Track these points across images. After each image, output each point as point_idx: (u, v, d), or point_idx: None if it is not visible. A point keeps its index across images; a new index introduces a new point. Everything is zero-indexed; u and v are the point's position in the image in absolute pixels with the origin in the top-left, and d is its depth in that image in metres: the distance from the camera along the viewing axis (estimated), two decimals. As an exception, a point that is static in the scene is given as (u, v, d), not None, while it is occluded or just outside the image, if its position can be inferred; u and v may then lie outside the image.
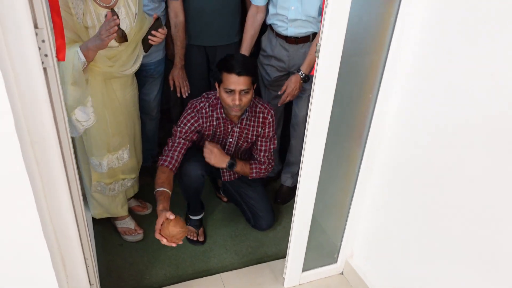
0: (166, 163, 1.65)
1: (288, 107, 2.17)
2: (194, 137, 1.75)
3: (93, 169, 1.70)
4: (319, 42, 1.16)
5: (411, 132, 1.31)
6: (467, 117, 1.09)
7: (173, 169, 1.66)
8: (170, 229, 1.37)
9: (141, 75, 2.00)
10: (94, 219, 1.91)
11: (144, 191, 2.14)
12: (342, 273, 1.78)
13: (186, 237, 1.93)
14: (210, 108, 1.73)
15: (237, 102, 1.61)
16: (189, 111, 1.73)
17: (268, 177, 2.35)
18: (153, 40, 1.55)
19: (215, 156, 1.73)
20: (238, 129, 1.80)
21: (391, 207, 1.46)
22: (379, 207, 1.54)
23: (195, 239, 1.91)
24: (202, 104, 1.73)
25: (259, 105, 1.80)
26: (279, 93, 1.94)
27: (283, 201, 2.25)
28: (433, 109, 1.20)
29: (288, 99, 1.93)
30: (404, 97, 1.32)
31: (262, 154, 1.85)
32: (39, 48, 0.92)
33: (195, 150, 1.80)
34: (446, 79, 1.14)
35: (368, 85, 1.35)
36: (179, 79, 2.01)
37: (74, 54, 1.37)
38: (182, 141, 1.70)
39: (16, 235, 0.98)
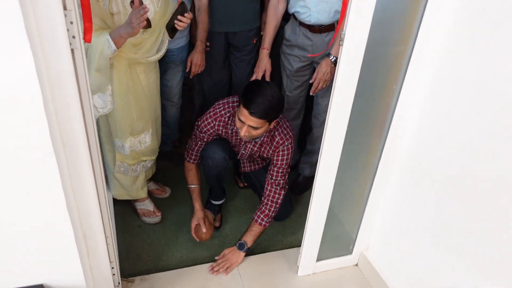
0: (191, 161, 1.85)
1: (309, 97, 2.14)
2: (211, 138, 1.80)
3: (116, 150, 1.75)
4: (343, 30, 1.14)
5: (435, 128, 1.28)
6: (497, 118, 1.04)
7: (196, 162, 1.86)
8: (201, 234, 1.80)
9: (163, 61, 2.01)
10: (114, 200, 1.96)
11: (164, 175, 2.18)
12: (356, 265, 1.78)
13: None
14: (231, 118, 1.71)
15: (242, 134, 1.58)
16: (209, 115, 1.73)
17: None
18: (179, 25, 1.55)
19: (231, 263, 1.72)
20: (250, 146, 1.78)
21: (408, 202, 1.44)
22: (396, 202, 1.52)
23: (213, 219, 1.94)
24: (223, 112, 1.71)
25: (277, 135, 1.70)
26: (310, 81, 1.88)
27: (300, 191, 2.25)
28: (460, 107, 1.16)
29: (320, 85, 1.83)
30: (429, 91, 1.28)
31: (271, 182, 1.75)
32: (67, 30, 0.94)
33: (217, 139, 1.83)
34: (478, 75, 1.09)
35: (392, 76, 1.32)
36: (197, 63, 1.99)
37: (104, 42, 1.40)
38: (200, 142, 1.81)
39: (43, 212, 1.02)
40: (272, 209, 1.76)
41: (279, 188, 1.76)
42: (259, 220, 1.76)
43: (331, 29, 1.81)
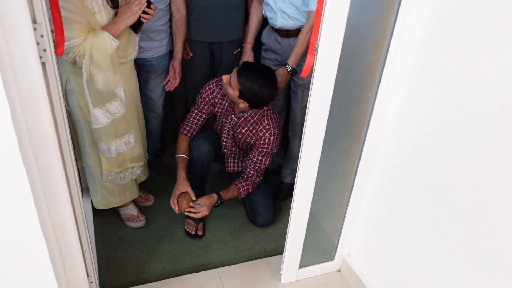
0: (185, 132, 1.90)
1: (289, 102, 2.17)
2: (209, 110, 1.88)
3: (103, 158, 1.72)
4: (318, 40, 1.15)
5: (409, 132, 1.31)
6: (466, 118, 1.08)
7: (192, 137, 1.92)
8: (184, 203, 1.78)
9: (144, 71, 2.00)
10: (94, 212, 1.93)
11: (148, 183, 2.16)
12: (339, 271, 1.79)
13: (185, 230, 1.94)
14: (222, 91, 1.84)
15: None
16: (211, 82, 1.86)
17: (268, 170, 2.37)
18: (144, 17, 1.55)
19: (204, 208, 1.78)
20: (235, 119, 1.84)
21: (388, 206, 1.46)
22: (376, 206, 1.54)
23: (193, 232, 1.93)
24: (219, 83, 1.84)
25: (265, 120, 1.81)
26: None
27: (283, 197, 2.26)
28: (432, 109, 1.20)
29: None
30: (403, 97, 1.31)
31: (252, 165, 1.86)
32: (38, 43, 0.92)
33: (208, 131, 1.96)
34: (446, 79, 1.13)
35: (367, 84, 1.34)
36: (171, 72, 1.99)
37: (105, 39, 1.44)
38: (200, 114, 1.89)
39: (14, 228, 0.99)
40: (250, 187, 1.89)
41: (260, 173, 1.88)
42: (239, 186, 1.87)
43: (297, 34, 1.87)
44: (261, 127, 1.81)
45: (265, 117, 1.81)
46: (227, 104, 1.85)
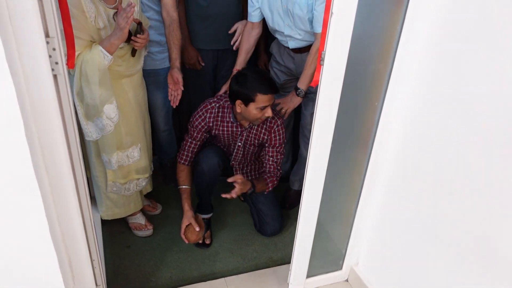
0: (182, 161, 1.88)
1: (298, 108, 2.19)
2: (204, 137, 1.85)
3: (107, 170, 1.74)
4: (324, 50, 1.16)
5: (417, 141, 1.30)
6: (473, 126, 1.08)
7: (190, 164, 1.89)
8: (191, 235, 1.82)
9: (149, 82, 1.97)
10: (102, 221, 1.94)
11: (156, 192, 2.17)
12: (347, 280, 1.77)
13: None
14: (220, 110, 1.81)
15: (268, 114, 1.69)
16: (199, 109, 1.82)
17: None
18: (135, 45, 1.57)
19: (242, 183, 1.79)
20: (246, 133, 1.85)
21: (396, 216, 1.46)
22: (384, 215, 1.53)
23: (201, 241, 1.93)
24: (213, 104, 1.81)
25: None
26: (277, 108, 1.94)
27: (290, 206, 2.26)
28: (439, 118, 1.19)
29: (288, 112, 1.94)
30: (410, 106, 1.31)
31: (271, 161, 1.90)
32: (50, 56, 0.95)
33: (212, 145, 1.94)
34: (452, 87, 1.14)
35: (373, 93, 1.35)
36: (171, 84, 1.85)
37: (98, 53, 1.44)
38: (194, 142, 1.86)
39: (24, 237, 1.01)
40: (275, 181, 1.93)
41: (279, 166, 1.93)
42: (268, 181, 1.90)
43: (308, 47, 1.87)
44: (268, 123, 1.84)
45: None
46: (230, 125, 1.82)
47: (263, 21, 1.93)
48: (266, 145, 1.89)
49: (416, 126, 1.30)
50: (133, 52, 1.64)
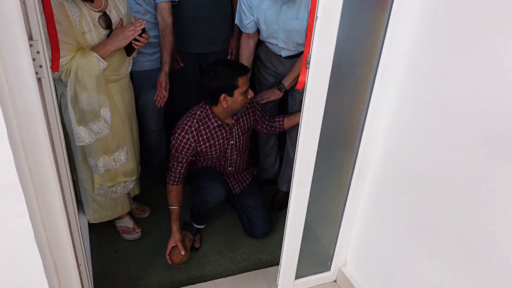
0: (171, 182, 1.82)
1: (282, 109, 2.22)
2: (190, 157, 1.79)
3: (94, 173, 1.73)
4: (309, 53, 1.17)
5: (402, 142, 1.32)
6: (455, 126, 1.10)
7: (180, 183, 1.83)
8: (176, 257, 1.78)
9: (144, 82, 1.99)
10: (90, 225, 1.92)
11: (144, 195, 2.16)
12: (335, 281, 1.79)
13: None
14: (200, 123, 1.75)
15: (250, 96, 1.72)
16: (177, 135, 1.74)
17: (264, 179, 2.38)
18: (136, 44, 1.57)
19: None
20: (235, 128, 1.84)
21: (383, 216, 1.47)
22: (371, 216, 1.55)
23: (190, 245, 1.92)
24: (189, 124, 1.74)
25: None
26: (258, 98, 2.01)
27: (279, 208, 2.26)
28: (423, 119, 1.22)
29: (265, 100, 2.03)
30: (394, 108, 1.33)
31: (274, 121, 1.97)
32: (34, 59, 0.94)
33: (211, 171, 1.90)
34: (434, 89, 1.16)
35: (359, 95, 1.36)
36: (161, 84, 1.90)
37: (93, 60, 1.44)
38: (181, 165, 1.79)
39: (8, 242, 0.99)
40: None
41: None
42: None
43: (300, 54, 1.91)
44: (250, 107, 1.88)
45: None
46: (218, 129, 1.79)
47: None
48: (259, 123, 1.94)
49: (401, 127, 1.32)
50: (129, 52, 1.63)
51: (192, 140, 1.74)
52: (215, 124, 1.77)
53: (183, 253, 1.76)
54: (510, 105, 0.95)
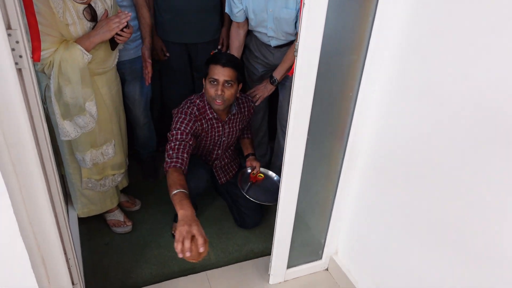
0: (178, 164, 1.56)
1: (272, 99, 2.20)
2: (191, 141, 1.68)
3: (81, 167, 1.70)
4: (297, 41, 1.16)
5: (391, 130, 1.32)
6: (444, 115, 1.11)
7: (184, 171, 1.58)
8: (196, 252, 1.23)
9: (127, 73, 1.97)
10: (80, 219, 1.90)
11: (135, 188, 2.14)
12: (327, 269, 1.80)
13: (173, 234, 1.93)
14: (200, 111, 1.75)
15: (219, 92, 1.65)
16: (180, 115, 1.71)
17: None
18: (118, 39, 1.54)
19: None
20: (227, 126, 1.84)
21: (373, 204, 1.48)
22: (362, 204, 1.55)
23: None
24: (190, 110, 1.73)
25: (243, 99, 1.90)
26: (251, 94, 2.01)
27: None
28: (411, 107, 1.22)
29: (261, 98, 2.02)
30: (383, 96, 1.33)
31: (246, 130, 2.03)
32: (13, 49, 0.91)
33: (194, 158, 1.88)
34: (423, 79, 1.16)
35: (348, 84, 1.36)
36: (143, 58, 1.87)
37: (77, 52, 1.41)
38: (183, 143, 1.63)
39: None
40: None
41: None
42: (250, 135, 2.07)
43: (290, 44, 1.91)
44: (246, 108, 1.89)
45: (242, 99, 1.89)
46: (213, 121, 1.79)
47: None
48: (245, 128, 1.98)
49: (390, 115, 1.32)
50: (113, 46, 1.60)
51: (192, 122, 1.71)
52: (211, 116, 1.77)
53: (201, 250, 1.22)
54: (499, 95, 0.95)
